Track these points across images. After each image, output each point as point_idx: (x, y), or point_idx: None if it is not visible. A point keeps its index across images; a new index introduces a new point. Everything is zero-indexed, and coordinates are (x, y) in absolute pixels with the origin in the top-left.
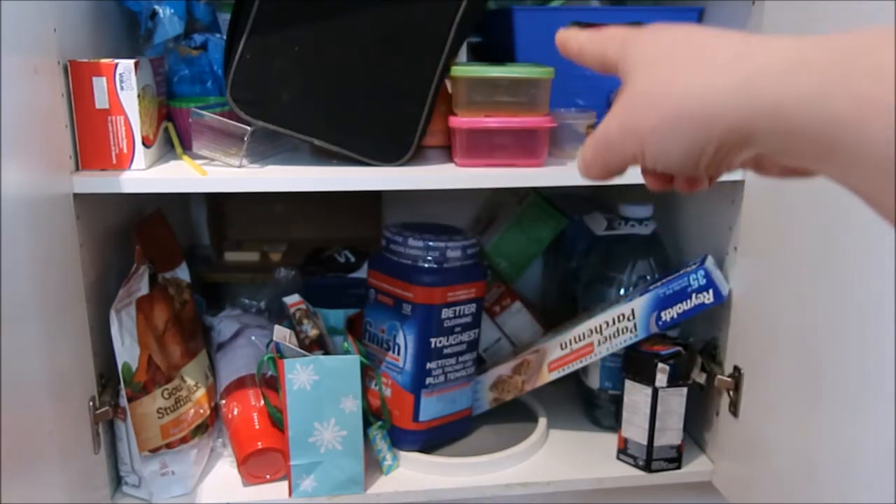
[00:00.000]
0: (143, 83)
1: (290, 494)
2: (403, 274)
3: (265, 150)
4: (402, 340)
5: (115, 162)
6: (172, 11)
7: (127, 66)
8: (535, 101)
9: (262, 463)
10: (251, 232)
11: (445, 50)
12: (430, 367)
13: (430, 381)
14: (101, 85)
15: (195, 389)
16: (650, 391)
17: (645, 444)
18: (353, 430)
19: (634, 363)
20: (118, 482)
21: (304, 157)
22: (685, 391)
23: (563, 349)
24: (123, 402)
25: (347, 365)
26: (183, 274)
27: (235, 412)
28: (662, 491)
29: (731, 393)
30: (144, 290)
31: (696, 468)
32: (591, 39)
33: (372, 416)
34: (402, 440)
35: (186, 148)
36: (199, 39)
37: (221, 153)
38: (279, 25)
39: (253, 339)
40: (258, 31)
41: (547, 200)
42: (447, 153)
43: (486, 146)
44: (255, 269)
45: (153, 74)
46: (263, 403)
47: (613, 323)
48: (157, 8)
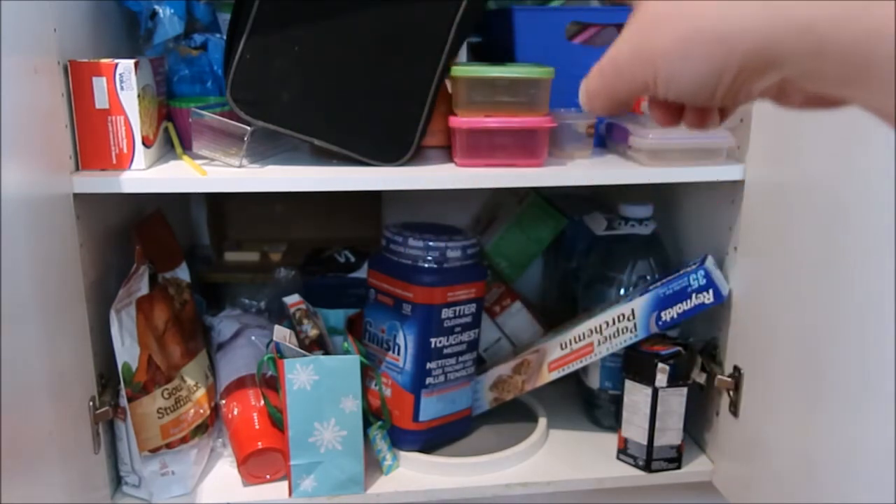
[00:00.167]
0: (143, 83)
1: (290, 494)
2: (403, 274)
3: (265, 150)
4: (402, 340)
5: (115, 162)
6: (172, 11)
7: (127, 66)
8: (535, 101)
9: (262, 463)
10: (251, 232)
11: (445, 50)
12: (430, 367)
13: (430, 381)
14: (101, 85)
15: (195, 389)
16: (650, 391)
17: (645, 444)
18: (353, 430)
19: (634, 363)
20: (118, 482)
21: (304, 157)
22: (685, 391)
23: (563, 349)
24: (123, 402)
25: (347, 365)
26: (183, 274)
27: (235, 412)
28: (662, 491)
29: (731, 393)
30: (144, 290)
31: (696, 468)
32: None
33: (372, 416)
34: (402, 440)
35: (186, 148)
36: (199, 39)
37: (221, 153)
38: (279, 25)
39: (253, 339)
40: (258, 31)
41: (547, 200)
42: (447, 153)
43: (486, 146)
44: (255, 269)
45: (153, 74)
46: (263, 403)
47: (613, 323)
48: (157, 8)
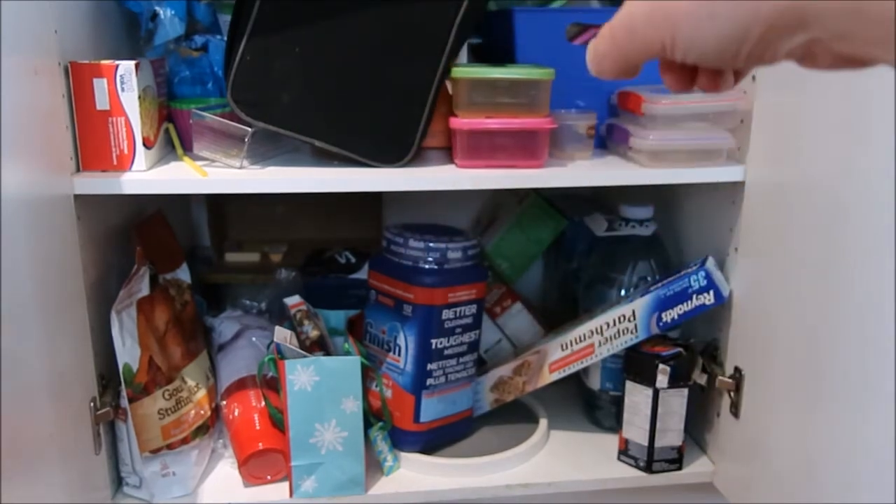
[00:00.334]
0: (143, 84)
1: (290, 495)
2: (404, 275)
3: (266, 151)
4: (402, 341)
5: (115, 163)
6: (173, 13)
7: (128, 67)
8: (535, 102)
9: (262, 464)
10: (252, 233)
11: (446, 51)
12: (430, 368)
13: (430, 382)
14: (101, 86)
15: (196, 390)
16: (651, 392)
17: (646, 444)
18: (353, 430)
19: (635, 364)
20: (119, 483)
21: (304, 158)
22: (686, 392)
23: (563, 350)
24: (124, 402)
25: (348, 366)
26: (184, 275)
27: (236, 413)
28: (663, 492)
29: (731, 394)
30: (145, 290)
31: (697, 469)
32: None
33: (373, 417)
34: (402, 441)
35: (187, 149)
36: (199, 41)
37: (222, 154)
38: (280, 27)
39: (254, 340)
40: (259, 32)
41: (547, 201)
42: (448, 154)
43: (486, 147)
44: (255, 269)
45: (154, 76)
46: (264, 404)
47: (614, 324)
48: (157, 9)
